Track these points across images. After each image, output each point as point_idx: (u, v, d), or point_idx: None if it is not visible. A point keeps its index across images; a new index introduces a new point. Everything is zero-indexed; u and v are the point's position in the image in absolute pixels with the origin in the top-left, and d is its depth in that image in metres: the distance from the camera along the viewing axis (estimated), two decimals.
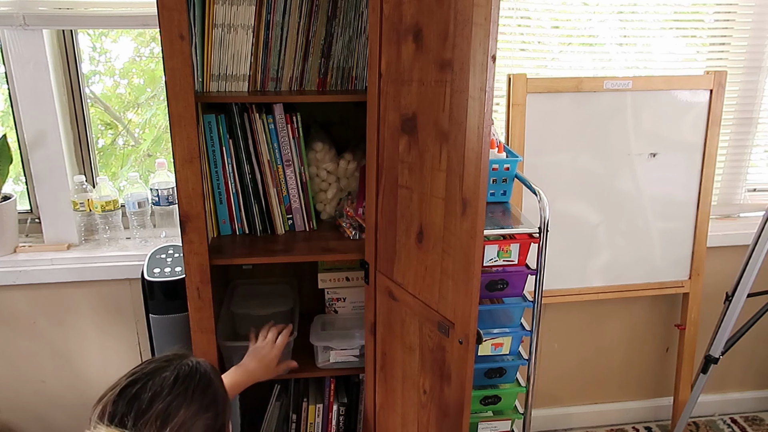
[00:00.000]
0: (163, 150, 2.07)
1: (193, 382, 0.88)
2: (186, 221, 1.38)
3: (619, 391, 2.29)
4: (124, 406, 0.83)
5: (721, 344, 1.91)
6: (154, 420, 0.82)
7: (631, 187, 1.94)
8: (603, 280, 2.00)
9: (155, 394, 0.84)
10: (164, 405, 0.83)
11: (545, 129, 1.85)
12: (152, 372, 0.88)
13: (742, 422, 2.33)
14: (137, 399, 0.83)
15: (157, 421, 0.82)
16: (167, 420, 0.82)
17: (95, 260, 1.83)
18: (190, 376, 0.89)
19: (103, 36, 1.95)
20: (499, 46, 1.83)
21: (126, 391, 0.84)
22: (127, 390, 0.84)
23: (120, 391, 0.85)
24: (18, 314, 1.87)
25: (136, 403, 0.83)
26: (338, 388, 1.75)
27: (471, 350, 1.21)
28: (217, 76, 1.46)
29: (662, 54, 1.97)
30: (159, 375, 0.87)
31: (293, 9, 1.43)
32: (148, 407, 0.83)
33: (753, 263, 1.83)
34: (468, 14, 1.08)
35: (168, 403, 0.84)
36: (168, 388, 0.85)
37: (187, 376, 0.89)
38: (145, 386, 0.85)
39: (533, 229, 1.44)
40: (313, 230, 1.63)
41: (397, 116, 1.31)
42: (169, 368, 0.89)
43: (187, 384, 0.87)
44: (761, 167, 2.21)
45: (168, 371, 0.88)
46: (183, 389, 0.86)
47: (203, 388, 0.89)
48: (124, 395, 0.84)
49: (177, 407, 0.84)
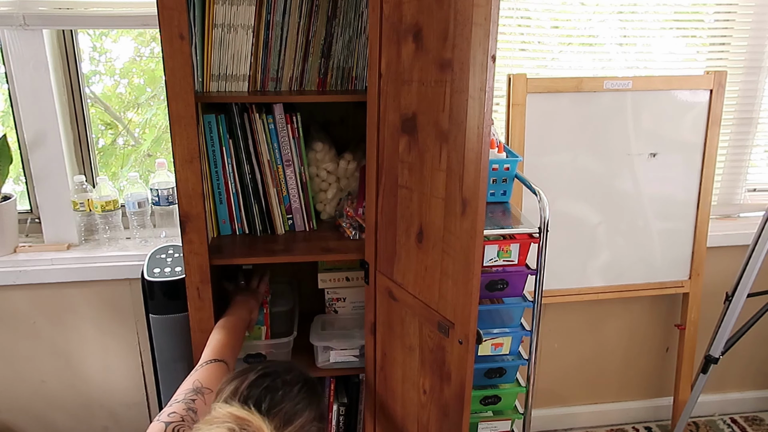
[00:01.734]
0: (163, 150, 2.07)
1: (314, 393, 0.96)
2: (186, 221, 1.38)
3: (619, 391, 2.29)
4: (260, 393, 0.89)
5: (721, 344, 1.91)
6: (283, 415, 0.88)
7: (631, 187, 1.94)
8: (603, 280, 2.00)
9: (286, 393, 0.91)
10: (292, 404, 0.90)
11: (545, 129, 1.85)
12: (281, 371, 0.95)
13: (742, 422, 2.33)
14: (272, 390, 0.90)
15: (285, 416, 0.88)
16: (292, 419, 0.89)
17: (95, 260, 1.84)
18: (313, 386, 0.97)
19: (104, 36, 1.95)
20: (499, 46, 1.83)
21: (259, 381, 0.91)
22: (261, 380, 0.91)
23: (255, 379, 0.91)
24: (18, 314, 1.88)
25: (270, 394, 0.90)
26: (338, 388, 1.75)
27: (471, 350, 1.21)
28: (217, 76, 1.46)
29: (662, 54, 1.98)
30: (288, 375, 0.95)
31: (293, 9, 1.44)
32: (280, 401, 0.89)
33: (753, 263, 1.83)
34: (468, 14, 1.08)
35: (296, 403, 0.91)
36: (297, 391, 0.93)
37: (311, 386, 0.97)
38: (277, 381, 0.92)
39: (533, 229, 1.44)
40: (313, 230, 1.63)
41: (397, 116, 1.31)
42: (293, 372, 0.96)
43: (310, 393, 0.95)
44: (761, 167, 2.21)
45: (293, 375, 0.96)
46: (307, 395, 0.94)
47: (319, 400, 0.97)
48: (258, 384, 0.91)
49: (301, 410, 0.91)
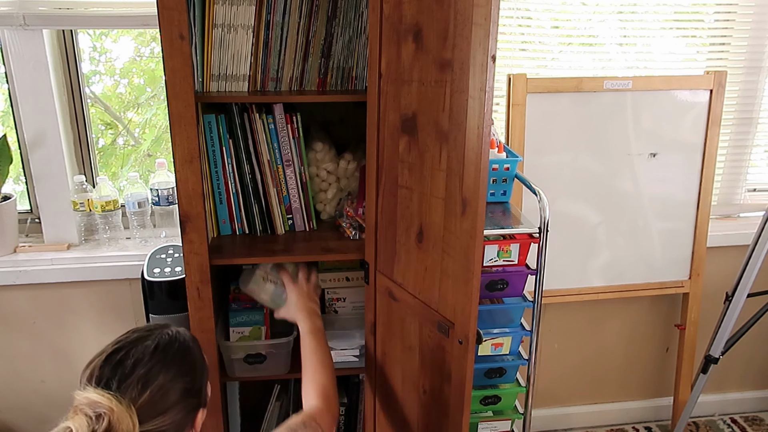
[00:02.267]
0: (163, 150, 2.07)
1: (171, 350, 0.97)
2: (186, 221, 1.38)
3: (619, 391, 2.29)
4: (110, 371, 0.91)
5: (721, 344, 1.91)
6: (136, 383, 0.91)
7: (631, 187, 1.94)
8: (603, 280, 2.00)
9: (137, 361, 0.93)
10: (145, 370, 0.92)
11: (545, 129, 1.85)
12: (135, 341, 0.97)
13: (742, 422, 2.33)
14: (121, 365, 0.92)
15: (138, 384, 0.91)
16: (147, 383, 0.91)
17: (95, 260, 1.84)
18: (170, 344, 0.98)
19: (104, 36, 1.95)
20: (499, 46, 1.83)
21: (111, 358, 0.93)
22: (112, 357, 0.94)
23: (106, 357, 0.94)
24: (18, 314, 1.88)
25: (120, 369, 0.92)
26: (338, 388, 1.75)
27: (471, 350, 1.21)
28: (217, 76, 1.46)
29: (662, 54, 1.98)
30: (141, 343, 0.96)
31: (293, 9, 1.44)
32: (130, 372, 0.91)
33: (753, 263, 1.83)
34: (468, 14, 1.08)
35: (148, 368, 0.92)
36: (149, 356, 0.94)
37: (167, 344, 0.98)
38: (128, 353, 0.94)
39: (533, 229, 1.44)
40: (313, 230, 1.63)
41: (397, 116, 1.31)
42: (150, 337, 0.98)
43: (166, 352, 0.96)
44: (761, 167, 2.21)
45: (149, 340, 0.97)
46: (162, 356, 0.95)
47: (181, 355, 0.98)
48: (109, 361, 0.93)
49: (156, 372, 0.93)
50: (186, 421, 0.97)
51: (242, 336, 1.61)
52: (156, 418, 0.91)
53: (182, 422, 0.96)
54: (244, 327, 1.61)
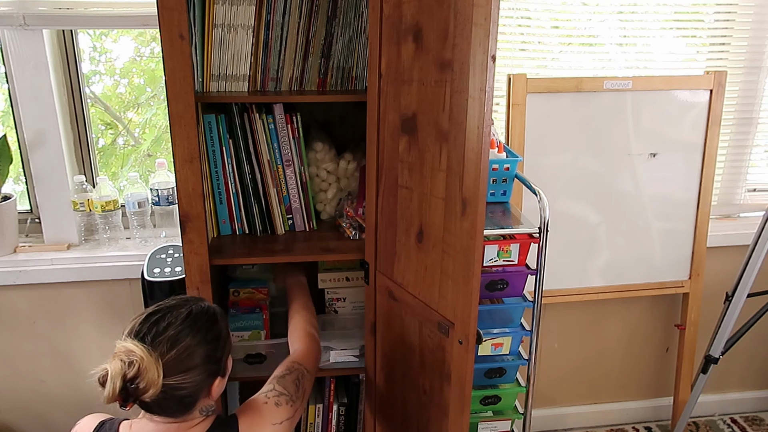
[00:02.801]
0: (163, 150, 2.07)
1: (201, 319, 1.09)
2: (186, 221, 1.38)
3: (619, 391, 2.29)
4: (146, 328, 1.04)
5: (721, 344, 1.91)
6: (166, 341, 1.03)
7: (631, 187, 1.94)
8: (603, 280, 2.00)
9: (170, 323, 1.05)
10: (175, 332, 1.04)
11: (545, 129, 1.85)
12: (172, 306, 1.09)
13: (742, 422, 2.33)
14: (156, 324, 1.05)
15: (168, 342, 1.03)
16: (176, 343, 1.03)
17: (95, 260, 1.84)
18: (201, 314, 1.10)
19: (104, 36, 1.95)
20: (499, 46, 1.83)
21: (150, 317, 1.06)
22: (151, 316, 1.06)
23: (146, 316, 1.06)
24: (18, 314, 1.87)
25: (155, 327, 1.04)
26: (338, 388, 1.75)
27: (471, 350, 1.21)
28: (217, 76, 1.46)
29: (662, 54, 1.97)
30: (177, 309, 1.08)
31: (293, 9, 1.44)
32: (163, 331, 1.04)
33: (753, 263, 1.83)
34: (468, 14, 1.08)
35: (179, 331, 1.05)
36: (181, 320, 1.06)
37: (199, 314, 1.09)
38: (164, 316, 1.06)
39: (533, 229, 1.44)
40: (313, 230, 1.63)
41: (397, 116, 1.31)
42: (185, 306, 1.10)
43: (196, 320, 1.08)
44: (761, 167, 2.21)
45: (184, 308, 1.09)
46: (192, 323, 1.07)
47: (209, 325, 1.09)
48: (147, 320, 1.05)
49: (185, 335, 1.05)
50: (204, 384, 1.07)
51: (242, 339, 1.62)
52: (178, 374, 1.02)
53: (200, 384, 1.06)
54: (244, 332, 1.62)
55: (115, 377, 0.97)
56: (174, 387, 1.02)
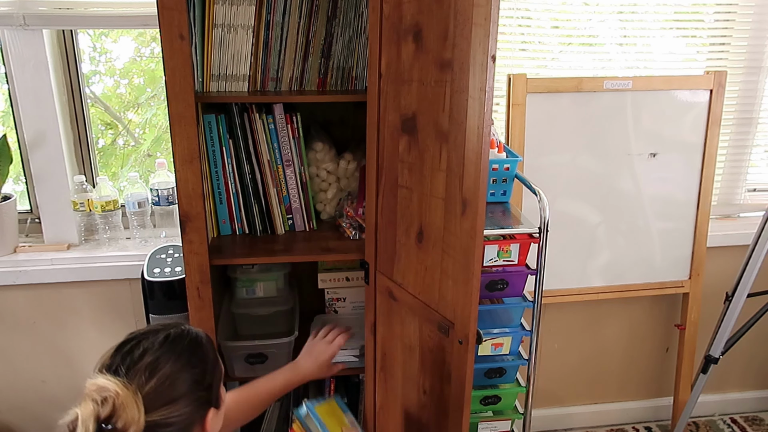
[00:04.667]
0: (163, 150, 2.07)
1: (182, 342, 0.97)
2: (186, 221, 1.38)
3: (619, 391, 2.29)
4: (119, 359, 0.92)
5: (721, 344, 1.91)
6: (143, 370, 0.90)
7: (631, 187, 1.94)
8: (603, 280, 2.00)
9: (146, 350, 0.93)
10: (153, 358, 0.92)
11: (545, 129, 1.85)
12: (146, 332, 0.98)
13: (742, 422, 2.33)
14: (130, 353, 0.93)
15: (146, 371, 0.90)
16: (155, 371, 0.91)
17: (95, 260, 1.84)
18: (180, 337, 0.98)
19: (104, 36, 1.95)
20: (499, 46, 1.83)
21: (122, 347, 0.94)
22: (123, 346, 0.95)
23: (117, 347, 0.95)
24: (18, 314, 1.88)
25: (129, 356, 0.92)
26: (338, 388, 1.75)
27: (471, 350, 1.21)
28: (217, 76, 1.46)
29: (662, 54, 1.97)
30: (153, 335, 0.97)
31: (293, 9, 1.44)
32: (138, 359, 0.92)
33: (753, 263, 1.83)
34: (468, 14, 1.08)
35: (156, 357, 0.93)
36: (158, 345, 0.94)
37: (178, 336, 0.98)
38: (139, 344, 0.94)
39: (533, 229, 1.43)
40: (313, 230, 1.63)
41: (397, 116, 1.31)
42: (162, 331, 0.98)
43: (177, 343, 0.96)
44: (761, 167, 2.21)
45: (160, 333, 0.97)
46: (172, 347, 0.95)
47: (192, 348, 0.98)
48: (119, 350, 0.94)
49: (165, 361, 0.92)
50: (195, 416, 0.95)
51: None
52: (163, 407, 0.90)
53: (191, 417, 0.94)
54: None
55: (87, 420, 0.84)
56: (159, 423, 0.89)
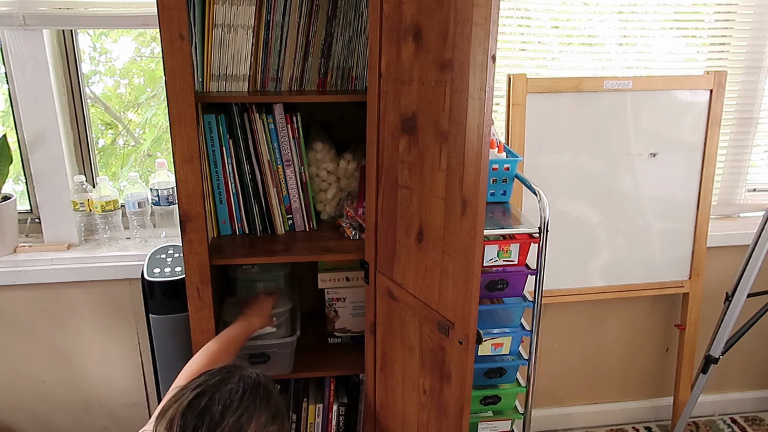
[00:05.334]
0: (163, 150, 2.07)
1: (259, 394, 0.89)
2: (186, 221, 1.38)
3: (619, 391, 2.29)
4: (195, 419, 0.82)
5: (721, 344, 1.91)
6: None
7: (631, 187, 1.94)
8: (603, 280, 2.00)
9: (225, 407, 0.84)
10: (236, 417, 0.83)
11: (545, 129, 1.85)
12: (218, 384, 0.88)
13: (742, 422, 2.33)
14: (208, 411, 0.83)
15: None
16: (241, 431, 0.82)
17: (95, 260, 1.83)
18: (255, 388, 0.90)
19: (104, 36, 1.95)
20: (499, 46, 1.83)
21: (194, 404, 0.83)
22: (195, 402, 0.84)
23: (188, 403, 0.84)
24: (18, 314, 1.87)
25: (207, 416, 0.82)
26: (338, 388, 1.75)
27: (471, 350, 1.21)
28: (217, 76, 1.46)
29: (662, 54, 1.97)
30: (225, 387, 0.87)
31: (293, 9, 1.44)
32: (220, 420, 0.82)
33: (753, 263, 1.83)
34: (468, 14, 1.08)
35: (239, 415, 0.84)
36: (237, 401, 0.85)
37: (253, 388, 0.89)
38: (213, 398, 0.85)
39: (533, 229, 1.44)
40: (313, 230, 1.63)
41: (397, 116, 1.31)
42: (233, 380, 0.89)
43: (255, 396, 0.88)
44: (761, 167, 2.21)
45: (232, 383, 0.88)
46: (251, 401, 0.86)
47: (268, 399, 0.90)
48: (192, 408, 0.83)
49: (248, 419, 0.84)
50: None
51: None
52: None
53: None
54: None
55: None
56: None
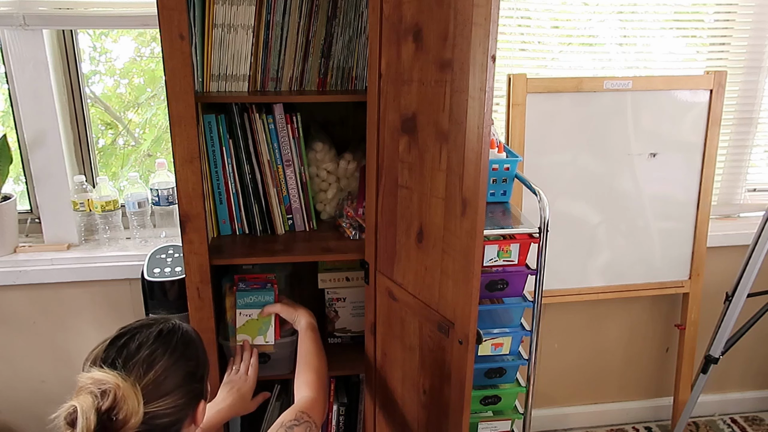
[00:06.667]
0: (163, 150, 2.07)
1: (176, 337, 1.00)
2: (186, 221, 1.38)
3: (619, 391, 2.29)
4: (114, 352, 0.94)
5: (721, 344, 1.91)
6: (141, 364, 0.93)
7: (631, 187, 1.94)
8: (603, 280, 2.00)
9: (141, 344, 0.95)
10: (149, 351, 0.95)
11: (545, 129, 1.85)
12: (139, 327, 1.00)
13: (742, 422, 2.33)
14: (126, 347, 0.95)
15: (143, 365, 0.93)
16: (152, 364, 0.94)
17: (95, 260, 1.83)
18: (173, 331, 1.01)
19: (104, 36, 1.95)
20: (499, 46, 1.83)
21: (116, 341, 0.96)
22: (117, 340, 0.96)
23: (110, 341, 0.97)
24: (18, 314, 1.88)
25: (125, 350, 0.94)
26: (338, 388, 1.75)
27: (471, 350, 1.21)
28: (217, 76, 1.46)
29: (662, 54, 1.97)
30: (146, 330, 0.99)
31: (293, 9, 1.44)
32: (135, 353, 0.94)
33: (753, 263, 1.83)
34: (468, 14, 1.08)
35: (153, 350, 0.95)
36: (153, 339, 0.97)
37: (170, 331, 1.01)
38: (133, 337, 0.97)
39: (533, 229, 1.44)
40: (313, 230, 1.63)
41: (397, 116, 1.31)
42: (154, 325, 1.01)
43: (170, 337, 0.99)
44: (761, 167, 2.21)
45: (153, 327, 1.00)
46: (166, 341, 0.98)
47: (185, 342, 1.01)
48: (114, 344, 0.95)
49: (161, 354, 0.95)
50: (188, 409, 0.98)
51: (250, 319, 1.52)
52: (159, 399, 0.93)
53: (184, 409, 0.97)
54: (253, 309, 1.51)
55: (87, 412, 0.84)
56: (155, 415, 0.91)
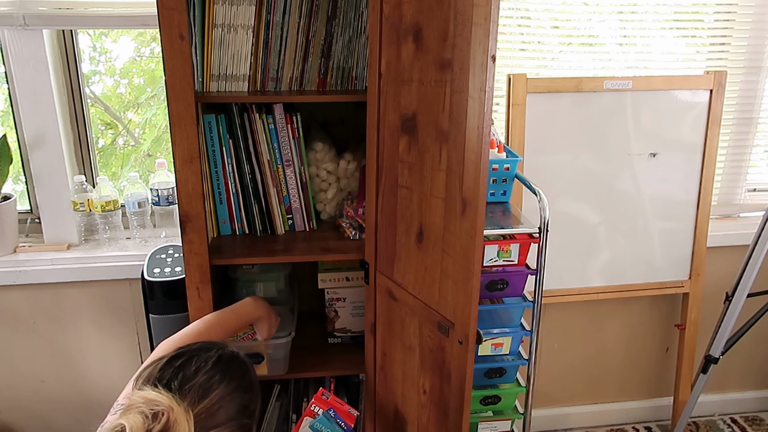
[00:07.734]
0: (163, 150, 2.07)
1: (234, 365, 0.96)
2: (186, 221, 1.38)
3: (619, 391, 2.29)
4: (171, 373, 0.90)
5: (721, 344, 1.91)
6: (197, 389, 0.88)
7: (631, 187, 1.94)
8: (603, 280, 2.00)
9: (199, 368, 0.91)
10: (206, 378, 0.90)
11: (545, 129, 1.85)
12: (197, 349, 0.96)
13: (742, 422, 2.33)
14: (182, 369, 0.91)
15: (199, 390, 0.89)
16: (208, 391, 0.89)
17: (95, 260, 1.84)
18: (231, 359, 0.97)
19: (104, 36, 1.95)
20: (499, 46, 1.83)
21: (173, 362, 0.92)
22: (174, 361, 0.92)
23: (168, 360, 0.92)
24: (18, 314, 1.88)
25: (182, 372, 0.90)
26: (338, 388, 1.75)
27: (471, 350, 1.21)
28: (217, 76, 1.46)
29: (662, 54, 1.97)
30: (204, 353, 0.95)
31: (293, 9, 1.44)
32: (192, 376, 0.90)
33: (753, 263, 1.83)
34: (468, 14, 1.08)
35: (210, 376, 0.91)
36: (211, 365, 0.93)
37: (229, 359, 0.96)
38: (191, 360, 0.93)
39: (533, 229, 1.44)
40: (313, 230, 1.63)
41: (397, 116, 1.31)
42: (213, 350, 0.96)
43: (229, 365, 0.95)
44: (761, 167, 2.21)
45: (211, 352, 0.96)
46: (224, 368, 0.93)
47: (242, 372, 0.97)
48: (170, 364, 0.91)
49: (218, 382, 0.91)
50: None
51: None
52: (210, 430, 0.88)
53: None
54: None
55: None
56: None
